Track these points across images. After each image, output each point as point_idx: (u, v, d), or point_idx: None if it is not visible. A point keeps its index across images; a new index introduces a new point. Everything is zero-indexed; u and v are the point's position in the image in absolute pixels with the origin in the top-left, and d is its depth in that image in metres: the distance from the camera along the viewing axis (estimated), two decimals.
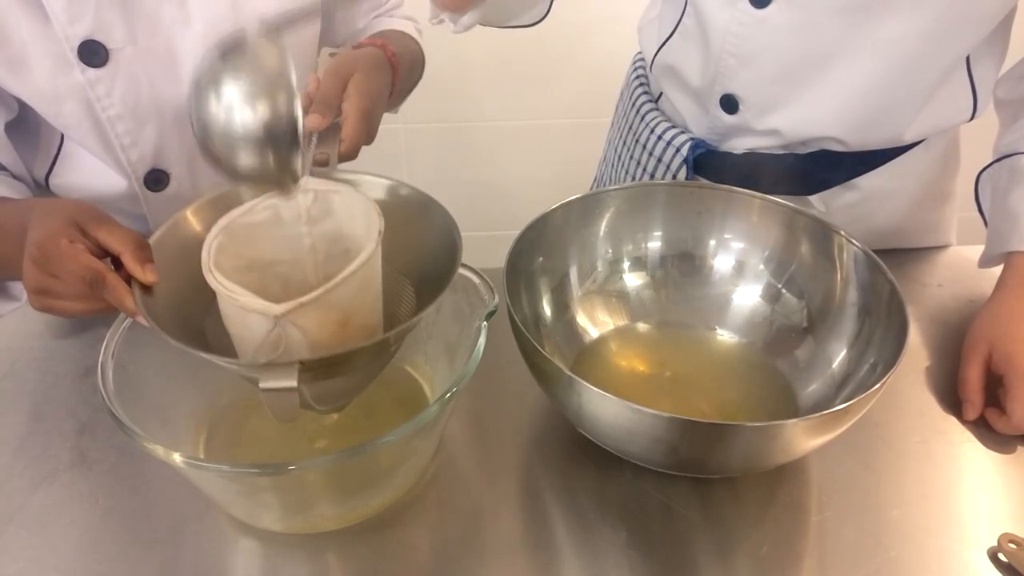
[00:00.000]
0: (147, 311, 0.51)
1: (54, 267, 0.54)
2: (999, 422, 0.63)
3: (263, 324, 0.48)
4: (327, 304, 0.49)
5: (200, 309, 0.55)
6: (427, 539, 0.56)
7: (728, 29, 0.75)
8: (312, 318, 0.49)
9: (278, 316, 0.47)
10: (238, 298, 0.48)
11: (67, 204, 0.60)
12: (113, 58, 0.71)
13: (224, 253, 0.52)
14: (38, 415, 0.65)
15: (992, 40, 0.74)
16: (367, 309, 0.54)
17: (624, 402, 0.50)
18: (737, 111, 0.79)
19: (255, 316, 0.48)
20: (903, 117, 0.75)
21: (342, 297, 0.50)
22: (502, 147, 1.67)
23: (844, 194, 0.82)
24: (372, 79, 0.66)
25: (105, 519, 0.57)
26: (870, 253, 0.63)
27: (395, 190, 0.61)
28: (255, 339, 0.49)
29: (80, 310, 0.56)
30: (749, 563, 0.54)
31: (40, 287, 0.55)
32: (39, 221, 0.56)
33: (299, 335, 0.49)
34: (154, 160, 0.78)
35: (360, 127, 0.63)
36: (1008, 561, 0.54)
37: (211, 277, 0.49)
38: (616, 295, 0.73)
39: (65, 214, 0.56)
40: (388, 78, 0.73)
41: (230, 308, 0.51)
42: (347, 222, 0.56)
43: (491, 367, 0.64)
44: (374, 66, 0.69)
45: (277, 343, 0.48)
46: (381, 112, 0.70)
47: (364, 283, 0.52)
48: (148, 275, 0.52)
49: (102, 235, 0.55)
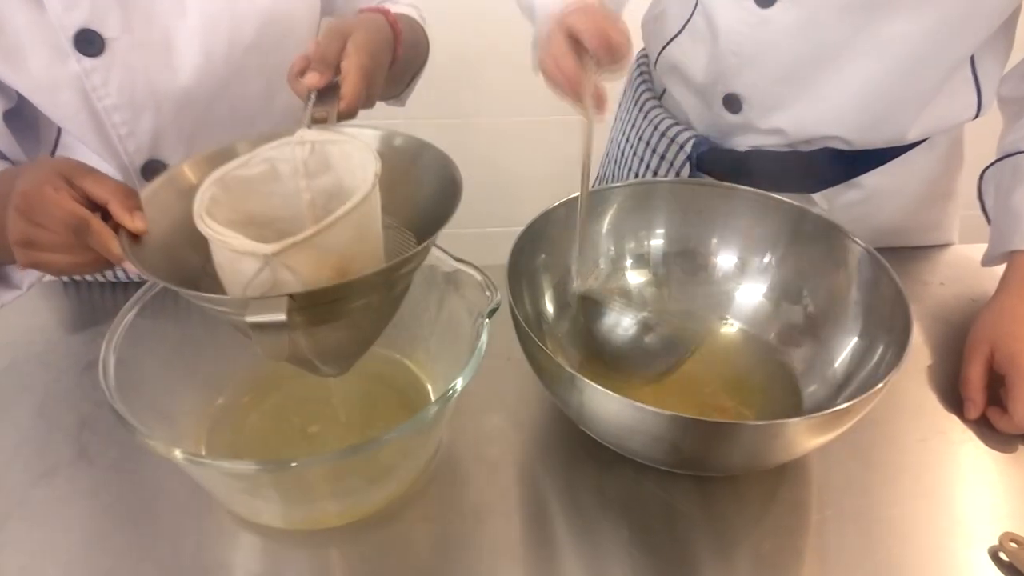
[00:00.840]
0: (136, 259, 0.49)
1: (38, 215, 0.52)
2: (1000, 421, 0.63)
3: (254, 267, 0.46)
4: (321, 246, 0.47)
5: (194, 264, 0.53)
6: (428, 536, 0.56)
7: (733, 28, 0.75)
8: (306, 260, 0.47)
9: (268, 255, 0.45)
10: (229, 241, 0.46)
11: (54, 159, 0.58)
12: (109, 48, 0.70)
13: (219, 205, 0.50)
14: (39, 410, 0.65)
15: (996, 38, 0.74)
16: (366, 256, 0.52)
17: (626, 400, 0.50)
18: (740, 110, 0.79)
19: (247, 260, 0.46)
20: (907, 116, 0.75)
21: (337, 240, 0.48)
22: (504, 144, 1.67)
23: (847, 192, 0.82)
24: (372, 38, 0.65)
25: (106, 514, 0.57)
26: (873, 252, 0.62)
27: (389, 140, 0.59)
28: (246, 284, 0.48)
29: (68, 263, 0.54)
30: (750, 561, 0.54)
31: (25, 238, 0.53)
32: (25, 174, 0.55)
33: (293, 279, 0.47)
34: (151, 150, 0.78)
35: (360, 85, 0.61)
36: (1009, 560, 0.54)
37: (201, 223, 0.48)
38: (618, 292, 0.72)
39: (51, 165, 0.54)
40: (390, 41, 0.71)
41: (221, 254, 0.49)
42: (346, 174, 0.54)
43: (493, 364, 0.64)
44: (375, 28, 0.68)
45: (266, 283, 0.46)
46: (382, 75, 0.68)
47: (361, 227, 0.50)
48: (136, 222, 0.51)
49: (88, 184, 0.53)
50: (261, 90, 0.81)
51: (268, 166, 0.54)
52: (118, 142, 0.75)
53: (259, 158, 0.54)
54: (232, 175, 0.52)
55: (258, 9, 0.76)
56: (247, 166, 0.53)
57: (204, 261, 0.52)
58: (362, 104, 0.63)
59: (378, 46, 0.67)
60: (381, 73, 0.68)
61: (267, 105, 0.82)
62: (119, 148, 0.76)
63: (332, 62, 0.62)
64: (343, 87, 0.61)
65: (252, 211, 0.53)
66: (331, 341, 0.54)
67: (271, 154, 0.54)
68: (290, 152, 0.54)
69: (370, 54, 0.63)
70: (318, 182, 0.55)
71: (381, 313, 0.57)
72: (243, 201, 0.53)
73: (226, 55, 0.76)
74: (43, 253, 0.54)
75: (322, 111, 0.60)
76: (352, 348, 0.57)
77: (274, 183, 0.54)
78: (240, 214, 0.52)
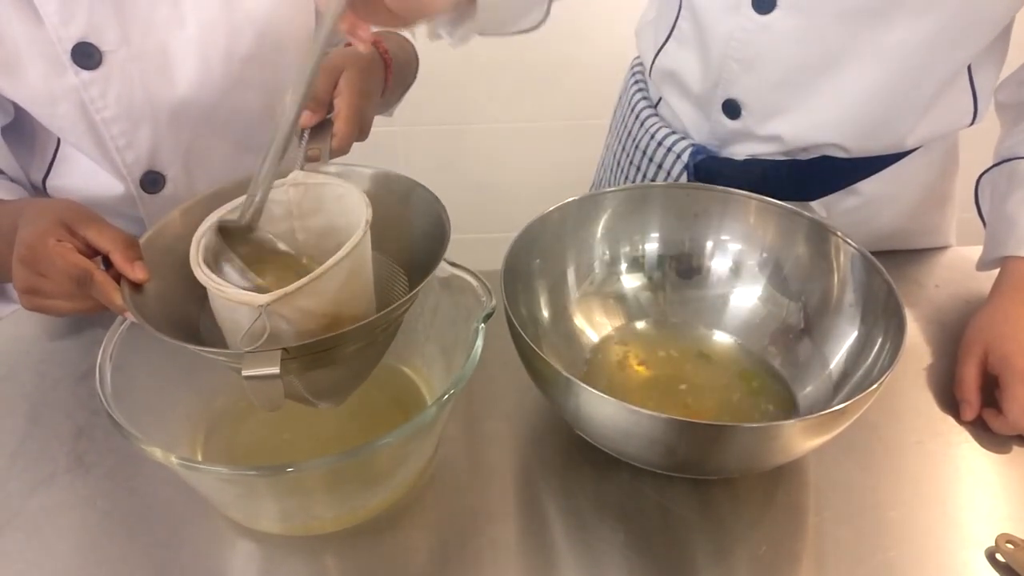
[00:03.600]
0: (138, 309, 0.50)
1: (42, 266, 0.54)
2: (996, 422, 0.63)
3: (250, 316, 0.48)
4: (314, 294, 0.48)
5: (193, 308, 0.55)
6: (425, 540, 0.56)
7: (731, 35, 0.75)
8: (299, 308, 0.48)
9: (262, 306, 0.47)
10: (224, 290, 0.48)
11: (57, 204, 0.59)
12: (107, 60, 0.71)
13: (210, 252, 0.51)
14: (35, 418, 0.65)
15: (993, 46, 0.74)
16: (357, 300, 0.53)
17: (621, 404, 0.50)
18: (739, 116, 0.79)
19: (242, 309, 0.48)
20: (905, 124, 0.75)
21: (330, 286, 0.49)
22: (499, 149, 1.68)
23: (845, 199, 0.82)
24: (364, 75, 0.66)
25: (103, 522, 0.57)
26: (867, 254, 0.63)
27: (381, 178, 0.61)
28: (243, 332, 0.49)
29: (70, 309, 0.56)
30: (747, 564, 0.54)
31: (29, 287, 0.55)
32: (28, 221, 0.56)
33: (287, 327, 0.49)
34: (149, 162, 0.78)
35: (352, 122, 0.62)
36: (1006, 561, 0.54)
37: (199, 271, 0.49)
38: (614, 297, 0.73)
39: (54, 214, 0.56)
40: (381, 74, 0.73)
41: (218, 302, 0.50)
42: (338, 216, 0.56)
43: (489, 369, 0.65)
44: (367, 63, 0.69)
45: (260, 332, 0.47)
46: (374, 108, 0.70)
47: (352, 273, 0.51)
48: (137, 273, 0.52)
49: (91, 234, 0.55)
50: (258, 100, 0.81)
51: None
52: (116, 153, 0.76)
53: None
54: (226, 220, 0.53)
55: (255, 20, 0.76)
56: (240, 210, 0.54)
57: (203, 303, 0.54)
58: (354, 139, 0.64)
59: (370, 81, 0.68)
60: (372, 108, 0.69)
61: (264, 115, 0.82)
62: (117, 159, 0.76)
63: (324, 100, 0.63)
64: (336, 124, 0.62)
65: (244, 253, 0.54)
66: (325, 381, 0.56)
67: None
68: (283, 194, 0.56)
69: (363, 92, 0.65)
70: (310, 222, 0.57)
71: (374, 352, 0.58)
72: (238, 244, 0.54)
73: (223, 66, 0.76)
74: (47, 299, 0.56)
75: (315, 148, 0.61)
76: (346, 385, 0.58)
77: (267, 224, 0.55)
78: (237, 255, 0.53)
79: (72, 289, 0.53)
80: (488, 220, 1.48)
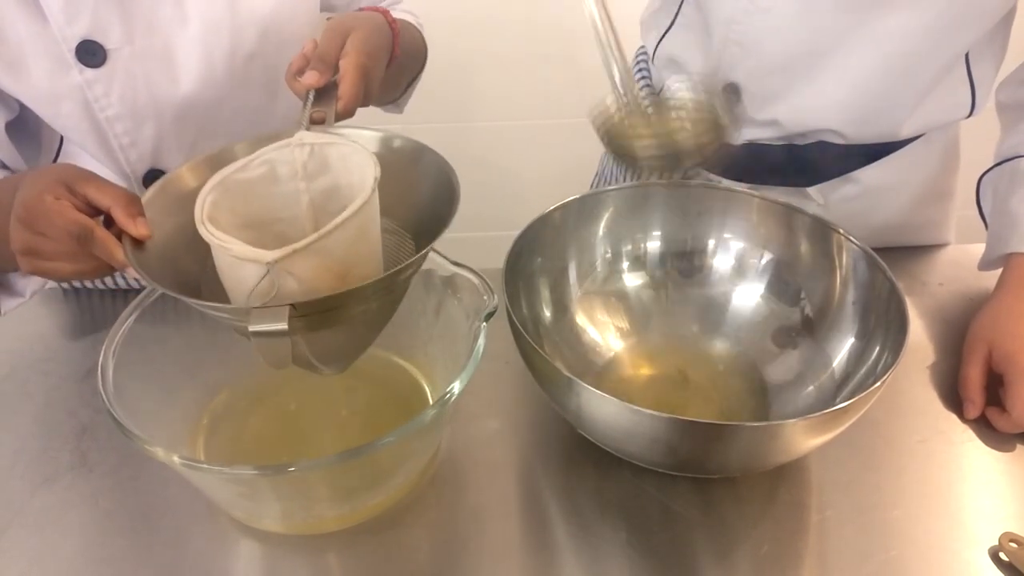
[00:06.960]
0: (141, 266, 0.49)
1: (40, 225, 0.52)
2: (1000, 420, 0.63)
3: (256, 274, 0.47)
4: (322, 252, 0.47)
5: (195, 267, 0.54)
6: (427, 539, 0.56)
7: (733, 18, 0.76)
8: (307, 266, 0.47)
9: (270, 263, 0.45)
10: (230, 247, 0.47)
11: (55, 166, 0.58)
12: (111, 58, 0.71)
13: (219, 209, 0.50)
14: (39, 417, 0.66)
15: (992, 38, 0.74)
16: (365, 260, 0.52)
17: (623, 403, 0.50)
18: (739, 101, 0.79)
19: (248, 266, 0.46)
20: (901, 111, 0.76)
21: (337, 245, 0.48)
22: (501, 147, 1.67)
23: (842, 187, 0.82)
24: (371, 38, 0.65)
25: (106, 521, 0.57)
26: (869, 251, 0.63)
27: (388, 142, 0.60)
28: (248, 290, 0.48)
29: (71, 270, 0.54)
30: (749, 563, 0.54)
31: (28, 247, 0.53)
32: (26, 185, 0.55)
33: (295, 285, 0.47)
34: (153, 160, 0.78)
35: (358, 84, 0.61)
36: (1009, 560, 0.54)
37: (203, 229, 0.48)
38: (615, 295, 0.72)
39: (52, 173, 0.54)
40: (388, 39, 0.71)
41: (223, 260, 0.49)
42: (344, 176, 0.55)
43: (490, 368, 0.65)
44: (374, 26, 0.68)
45: (268, 290, 0.46)
46: (380, 73, 0.68)
47: (360, 232, 0.50)
48: (140, 228, 0.51)
49: (90, 191, 0.53)
50: (262, 98, 0.81)
51: (267, 168, 0.54)
52: (120, 152, 0.76)
53: (258, 160, 0.54)
54: (232, 178, 0.53)
55: (259, 17, 0.76)
56: (246, 169, 0.53)
57: (205, 263, 0.53)
58: (360, 103, 0.63)
59: (376, 44, 0.67)
60: (379, 72, 0.68)
61: (268, 113, 0.82)
62: (121, 157, 0.76)
63: (331, 61, 0.62)
64: (341, 86, 0.61)
65: (252, 213, 0.53)
66: (331, 344, 0.55)
67: (270, 156, 0.54)
68: (289, 154, 0.55)
69: (368, 53, 0.63)
70: (317, 184, 0.55)
71: (380, 316, 0.57)
72: (243, 204, 0.53)
73: (227, 64, 0.76)
74: (46, 261, 0.54)
75: (320, 111, 0.60)
76: (351, 349, 0.58)
77: (273, 185, 0.55)
78: (240, 216, 0.52)
79: (72, 247, 0.52)
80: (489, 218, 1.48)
